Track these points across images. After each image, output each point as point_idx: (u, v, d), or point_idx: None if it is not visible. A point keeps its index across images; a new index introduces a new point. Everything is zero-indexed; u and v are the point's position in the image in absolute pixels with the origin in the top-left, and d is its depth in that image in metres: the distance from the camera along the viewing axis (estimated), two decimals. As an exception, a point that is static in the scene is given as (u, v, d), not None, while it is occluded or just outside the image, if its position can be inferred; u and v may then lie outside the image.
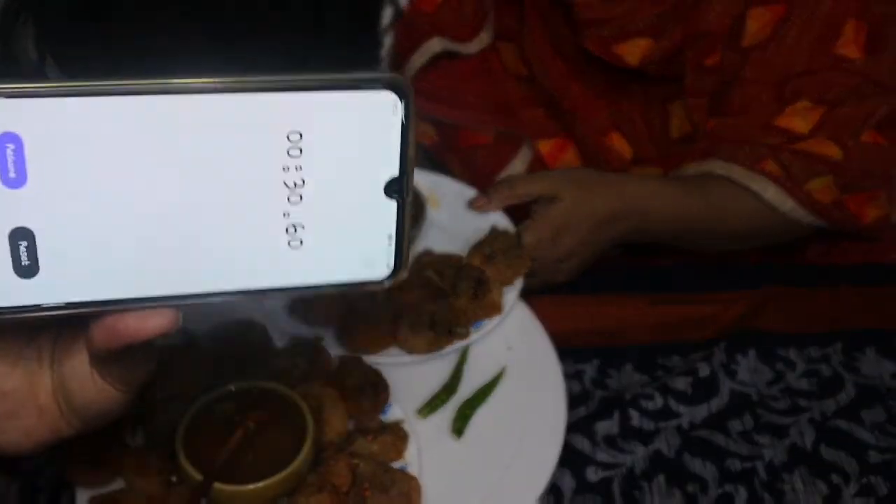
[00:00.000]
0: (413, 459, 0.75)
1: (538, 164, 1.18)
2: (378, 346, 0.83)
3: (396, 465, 0.74)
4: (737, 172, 1.01)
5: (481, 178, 1.14)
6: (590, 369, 0.93)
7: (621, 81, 1.14)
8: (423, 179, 0.96)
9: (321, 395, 0.76)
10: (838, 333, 0.97)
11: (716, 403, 0.89)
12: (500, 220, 0.95)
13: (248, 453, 0.69)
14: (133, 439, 0.75)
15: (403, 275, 0.49)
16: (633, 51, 1.05)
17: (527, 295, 0.91)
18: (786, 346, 0.95)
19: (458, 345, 0.84)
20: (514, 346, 0.85)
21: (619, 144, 1.17)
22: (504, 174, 1.14)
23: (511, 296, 0.88)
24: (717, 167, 1.03)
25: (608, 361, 0.94)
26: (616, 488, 0.81)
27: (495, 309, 0.86)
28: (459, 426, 0.78)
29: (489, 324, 0.86)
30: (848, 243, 1.18)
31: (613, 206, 0.98)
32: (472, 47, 1.15)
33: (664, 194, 1.01)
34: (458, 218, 0.96)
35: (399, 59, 1.17)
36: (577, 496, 0.80)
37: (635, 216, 1.00)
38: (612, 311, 1.01)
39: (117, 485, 0.72)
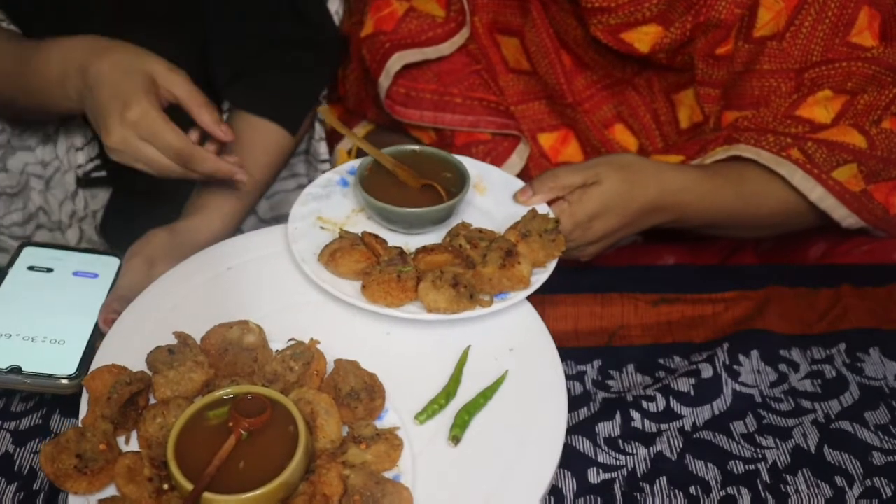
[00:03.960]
0: (407, 468, 0.73)
1: (537, 159, 1.17)
2: (397, 300, 0.83)
3: (390, 473, 0.73)
4: (764, 157, 1.01)
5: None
6: (591, 370, 0.92)
7: (626, 74, 1.14)
8: (472, 167, 0.97)
9: (315, 402, 0.75)
10: (841, 334, 0.97)
11: (718, 405, 0.88)
12: (543, 209, 0.95)
13: (240, 461, 0.68)
14: (126, 445, 0.74)
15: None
16: (643, 38, 1.06)
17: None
18: (788, 346, 0.95)
19: (479, 312, 0.83)
20: (516, 348, 0.85)
21: (623, 137, 1.17)
22: (502, 170, 1.14)
23: (542, 277, 0.87)
24: (745, 150, 1.02)
25: (609, 362, 0.93)
26: (617, 490, 0.80)
27: (522, 282, 0.85)
28: (457, 433, 0.77)
29: (514, 297, 0.84)
30: (849, 243, 1.17)
31: (653, 199, 0.98)
32: (447, 48, 1.14)
33: (701, 187, 1.01)
34: (502, 207, 0.96)
35: (372, 77, 1.17)
36: (579, 497, 0.80)
37: (673, 209, 1.00)
38: (613, 312, 1.00)
39: (109, 492, 0.70)
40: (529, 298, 0.87)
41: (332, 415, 0.74)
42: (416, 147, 0.99)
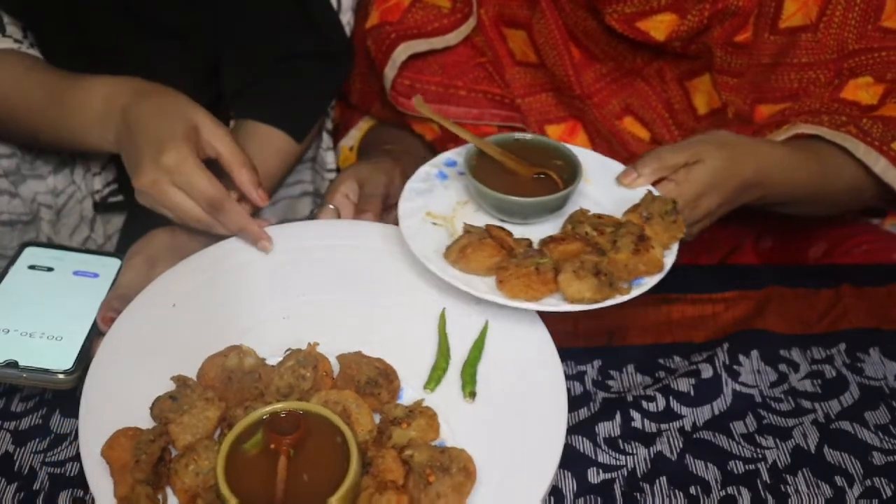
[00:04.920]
0: (447, 435, 0.76)
1: None
2: (539, 293, 0.82)
3: (436, 443, 0.75)
4: (826, 132, 1.02)
5: None
6: (591, 370, 0.92)
7: (636, 65, 1.14)
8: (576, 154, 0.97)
9: (342, 399, 0.75)
10: (841, 334, 0.96)
11: (718, 405, 0.88)
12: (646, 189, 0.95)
13: (300, 477, 0.68)
14: (165, 500, 0.72)
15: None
16: (658, 27, 1.06)
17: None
18: (788, 346, 0.95)
19: (619, 299, 0.82)
20: (494, 314, 0.86)
21: (633, 128, 1.17)
22: None
23: (669, 259, 0.87)
24: (807, 128, 1.03)
25: (609, 362, 0.93)
26: (617, 490, 0.80)
27: (657, 266, 0.84)
28: (471, 389, 0.79)
29: (648, 281, 0.84)
30: (849, 243, 1.17)
31: (750, 175, 0.98)
32: (454, 38, 1.14)
33: (790, 163, 1.01)
34: (607, 191, 0.96)
35: (377, 68, 1.17)
36: (579, 498, 0.80)
37: (765, 185, 1.00)
38: (613, 311, 1.00)
39: None
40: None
41: (362, 406, 0.75)
42: (518, 135, 0.98)
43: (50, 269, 0.92)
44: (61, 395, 0.86)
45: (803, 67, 1.06)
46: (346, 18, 1.18)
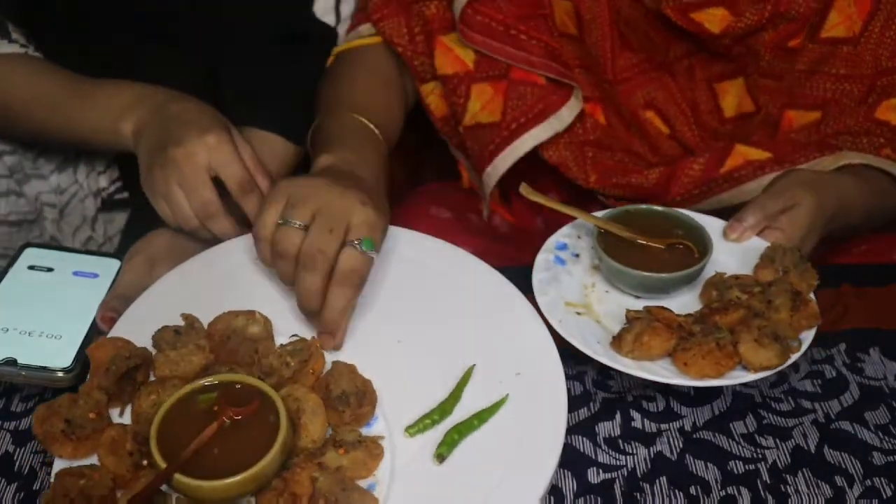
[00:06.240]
0: (384, 479, 0.72)
1: (583, 117, 1.17)
2: (726, 368, 0.81)
3: (365, 482, 0.72)
4: (872, 160, 1.05)
5: (526, 121, 1.13)
6: (591, 370, 0.92)
7: (667, 59, 1.15)
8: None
9: (303, 400, 0.75)
10: (841, 334, 0.96)
11: (718, 405, 0.88)
12: (760, 243, 0.96)
13: (219, 448, 0.68)
14: (120, 417, 0.76)
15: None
16: (713, 20, 1.07)
17: (528, 293, 0.91)
18: (788, 346, 0.95)
19: (793, 358, 0.83)
20: (524, 372, 0.82)
21: (654, 120, 1.18)
22: (552, 120, 1.13)
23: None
24: (854, 157, 1.05)
25: (610, 362, 0.93)
26: (617, 490, 0.80)
27: (815, 318, 0.86)
28: (442, 451, 0.75)
29: (809, 333, 0.85)
30: (848, 243, 1.17)
31: (833, 210, 1.00)
32: None
33: (859, 192, 1.04)
34: (716, 248, 0.94)
35: None
36: (579, 497, 0.80)
37: (841, 217, 1.02)
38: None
39: (93, 461, 0.72)
40: (529, 297, 0.87)
41: (317, 415, 0.74)
42: (628, 207, 0.97)
43: (49, 270, 0.93)
44: (60, 392, 0.86)
45: (840, 79, 1.08)
46: (347, 10, 1.19)
